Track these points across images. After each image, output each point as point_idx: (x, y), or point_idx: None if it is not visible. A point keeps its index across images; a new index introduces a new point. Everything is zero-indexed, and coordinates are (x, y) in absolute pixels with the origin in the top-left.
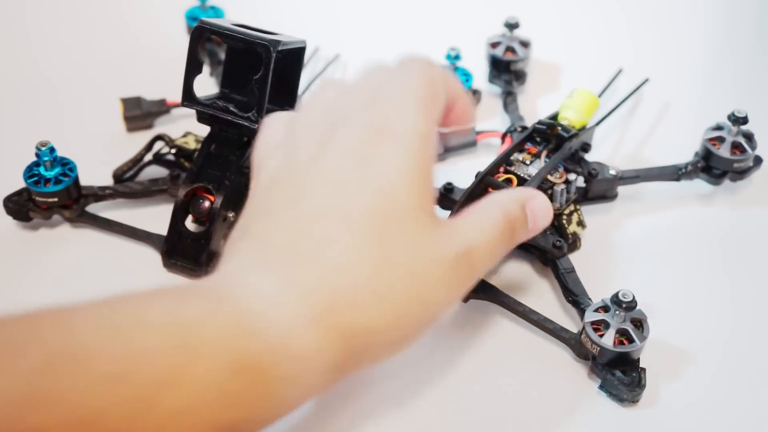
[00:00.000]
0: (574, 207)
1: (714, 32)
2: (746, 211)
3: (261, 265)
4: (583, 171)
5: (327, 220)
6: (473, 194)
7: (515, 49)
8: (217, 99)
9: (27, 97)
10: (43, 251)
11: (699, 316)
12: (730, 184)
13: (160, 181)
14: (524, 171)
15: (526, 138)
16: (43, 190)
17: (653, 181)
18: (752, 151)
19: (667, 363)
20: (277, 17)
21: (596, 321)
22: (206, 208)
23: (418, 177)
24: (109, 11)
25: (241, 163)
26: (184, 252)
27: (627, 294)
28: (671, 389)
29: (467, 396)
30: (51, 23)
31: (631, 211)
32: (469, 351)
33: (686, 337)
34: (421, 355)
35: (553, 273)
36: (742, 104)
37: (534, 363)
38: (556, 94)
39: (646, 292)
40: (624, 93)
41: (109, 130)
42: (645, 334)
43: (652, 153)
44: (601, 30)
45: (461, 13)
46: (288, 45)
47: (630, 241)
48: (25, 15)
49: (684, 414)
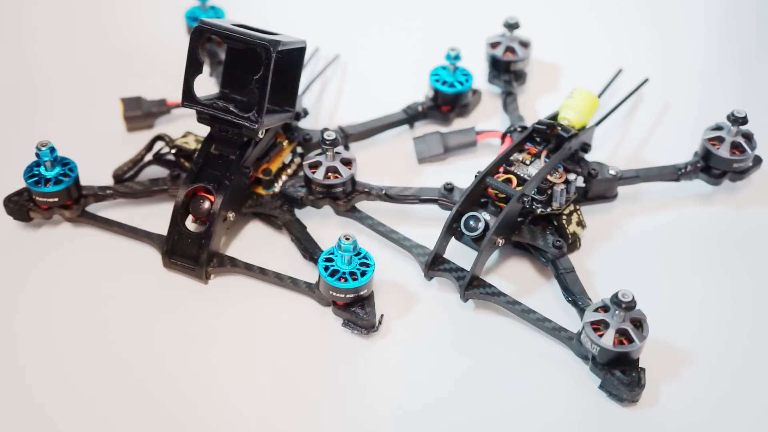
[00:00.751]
0: (574, 207)
1: (714, 32)
2: (745, 212)
3: None
4: (582, 171)
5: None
6: (473, 194)
7: (515, 49)
8: (217, 99)
9: (27, 98)
10: (43, 251)
11: (698, 317)
12: (730, 184)
13: (160, 181)
14: (524, 171)
15: (526, 138)
16: (43, 190)
17: (653, 182)
18: (751, 151)
19: (667, 363)
20: (277, 17)
21: (596, 321)
22: (206, 208)
23: None
24: (110, 12)
25: (241, 163)
26: (184, 251)
27: (627, 294)
28: (671, 389)
29: (466, 395)
30: (51, 24)
31: (631, 211)
32: (468, 350)
33: (686, 337)
34: (421, 355)
35: (553, 273)
36: (742, 104)
37: (533, 362)
38: (556, 94)
39: (645, 292)
40: (624, 93)
41: (109, 130)
42: (644, 334)
43: (652, 153)
44: (602, 30)
45: (461, 14)
46: (288, 45)
47: (630, 241)
48: (25, 16)
49: (683, 414)
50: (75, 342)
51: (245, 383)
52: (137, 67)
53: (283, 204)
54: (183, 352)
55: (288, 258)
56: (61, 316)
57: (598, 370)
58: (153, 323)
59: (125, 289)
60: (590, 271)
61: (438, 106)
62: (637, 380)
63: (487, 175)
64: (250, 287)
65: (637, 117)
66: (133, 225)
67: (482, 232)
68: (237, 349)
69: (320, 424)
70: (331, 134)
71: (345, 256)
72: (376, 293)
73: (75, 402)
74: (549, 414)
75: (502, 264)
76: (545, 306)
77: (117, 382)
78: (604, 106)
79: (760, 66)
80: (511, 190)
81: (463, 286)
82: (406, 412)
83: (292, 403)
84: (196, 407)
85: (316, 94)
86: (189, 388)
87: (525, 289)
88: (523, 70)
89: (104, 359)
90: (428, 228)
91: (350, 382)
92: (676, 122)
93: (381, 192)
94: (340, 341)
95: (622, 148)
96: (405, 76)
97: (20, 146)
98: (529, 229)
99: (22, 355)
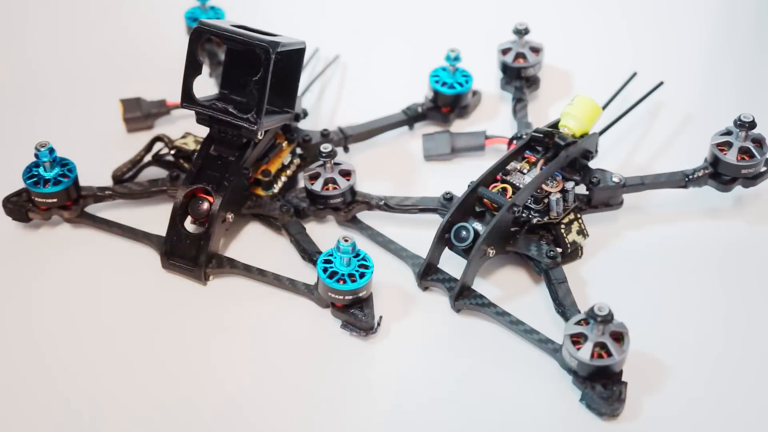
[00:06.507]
0: (575, 215)
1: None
2: (756, 228)
3: None
4: (584, 179)
5: None
6: (464, 204)
7: (526, 55)
8: (216, 100)
9: (27, 98)
10: (42, 252)
11: (690, 333)
12: (744, 197)
13: (159, 182)
14: (520, 180)
15: (524, 146)
16: (42, 190)
17: (660, 189)
18: (761, 157)
19: (653, 377)
20: (276, 18)
21: (576, 334)
22: (205, 209)
23: None
24: (109, 12)
25: (241, 164)
26: (183, 252)
27: (603, 307)
28: (653, 404)
29: (464, 397)
30: (51, 24)
31: (636, 221)
32: (466, 353)
33: (674, 354)
34: (419, 357)
35: (545, 282)
36: (755, 110)
37: (520, 372)
38: (568, 100)
39: (639, 305)
40: (635, 98)
41: (108, 130)
42: (624, 348)
43: (662, 160)
44: (616, 36)
45: (461, 14)
46: (287, 46)
47: (630, 252)
48: (25, 16)
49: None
50: (74, 343)
51: (244, 384)
52: (137, 67)
53: (283, 206)
54: (182, 353)
55: (287, 259)
56: (59, 317)
57: (580, 383)
58: (152, 324)
59: (124, 290)
60: (586, 281)
61: (438, 108)
62: (617, 395)
63: (480, 184)
64: (248, 288)
65: (647, 123)
66: (132, 226)
67: (471, 242)
68: (236, 350)
69: (319, 425)
70: (328, 146)
71: (344, 257)
72: (374, 295)
73: (74, 402)
74: (529, 424)
75: (498, 271)
76: (538, 315)
77: (116, 383)
78: (617, 112)
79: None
80: (503, 199)
81: (453, 297)
82: (404, 413)
83: (290, 403)
84: (195, 408)
85: (315, 94)
86: (188, 388)
87: (519, 297)
88: (535, 76)
89: (103, 360)
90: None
91: (348, 383)
92: (688, 128)
93: (381, 202)
94: (339, 343)
95: (631, 154)
96: (405, 77)
97: (19, 147)
98: (524, 238)
99: (22, 355)
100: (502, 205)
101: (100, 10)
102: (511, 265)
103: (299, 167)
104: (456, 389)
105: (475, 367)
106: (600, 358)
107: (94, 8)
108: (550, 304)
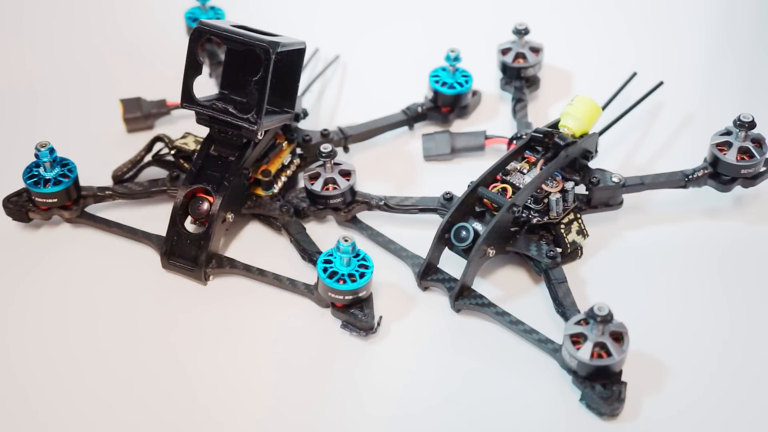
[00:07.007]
0: (575, 215)
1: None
2: (756, 228)
3: None
4: (584, 179)
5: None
6: (464, 204)
7: (525, 55)
8: (216, 100)
9: (27, 98)
10: (42, 252)
11: (691, 334)
12: (744, 197)
13: (159, 182)
14: (520, 180)
15: (524, 147)
16: (42, 190)
17: (660, 189)
18: (760, 157)
19: (652, 377)
20: (276, 18)
21: (576, 334)
22: (205, 209)
23: None
24: (109, 12)
25: (241, 164)
26: (183, 252)
27: (602, 307)
28: (654, 404)
29: (451, 403)
30: (51, 24)
31: (636, 221)
32: (457, 360)
33: (675, 353)
34: (419, 357)
35: (545, 282)
36: (755, 110)
37: (520, 372)
38: (568, 100)
39: (640, 305)
40: (635, 98)
41: (108, 130)
42: (624, 348)
43: (662, 160)
44: (618, 36)
45: (462, 14)
46: (287, 46)
47: (630, 252)
48: (24, 16)
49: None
50: (74, 343)
51: (244, 384)
52: (137, 67)
53: (283, 206)
54: (181, 353)
55: (287, 259)
56: (60, 317)
57: (579, 383)
58: (152, 324)
59: (124, 290)
60: (585, 281)
61: (438, 108)
62: (617, 395)
63: (479, 184)
64: (248, 288)
65: (647, 123)
66: (132, 226)
67: (471, 242)
68: (236, 350)
69: (318, 425)
70: (328, 146)
71: (344, 257)
72: (374, 295)
73: (74, 403)
74: (529, 424)
75: (498, 271)
76: (538, 315)
77: (116, 383)
78: (616, 112)
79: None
80: (502, 200)
81: (453, 297)
82: (404, 414)
83: (290, 404)
84: (195, 408)
85: (315, 95)
86: (188, 388)
87: (519, 297)
88: (535, 76)
89: (103, 360)
90: (431, 231)
91: (348, 383)
92: (689, 128)
93: (381, 202)
94: (339, 343)
95: (631, 154)
96: (405, 77)
97: (20, 147)
98: (524, 237)
99: (22, 355)
100: (502, 205)
101: (101, 10)
102: (511, 265)
103: (299, 167)
104: (456, 389)
105: (475, 367)
106: (600, 358)
107: (94, 8)
108: (550, 304)
